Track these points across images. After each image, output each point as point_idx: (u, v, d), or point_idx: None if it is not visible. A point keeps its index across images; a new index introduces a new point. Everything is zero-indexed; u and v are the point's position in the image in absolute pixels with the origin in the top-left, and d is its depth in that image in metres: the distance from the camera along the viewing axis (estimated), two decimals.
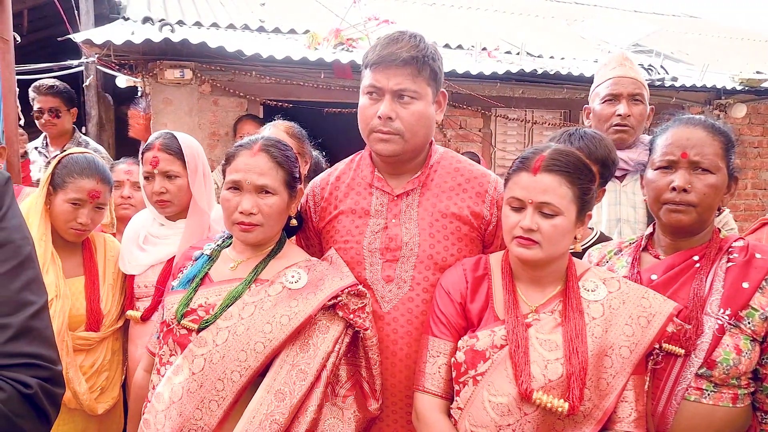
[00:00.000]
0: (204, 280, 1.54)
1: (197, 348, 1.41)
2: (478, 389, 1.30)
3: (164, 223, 2.07)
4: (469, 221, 1.57)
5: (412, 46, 1.48)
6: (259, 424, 1.35)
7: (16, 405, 0.87)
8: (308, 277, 1.49)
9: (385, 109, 1.48)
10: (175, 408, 1.39)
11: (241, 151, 1.51)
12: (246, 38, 4.97)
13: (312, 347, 1.43)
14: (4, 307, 0.90)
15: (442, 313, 1.43)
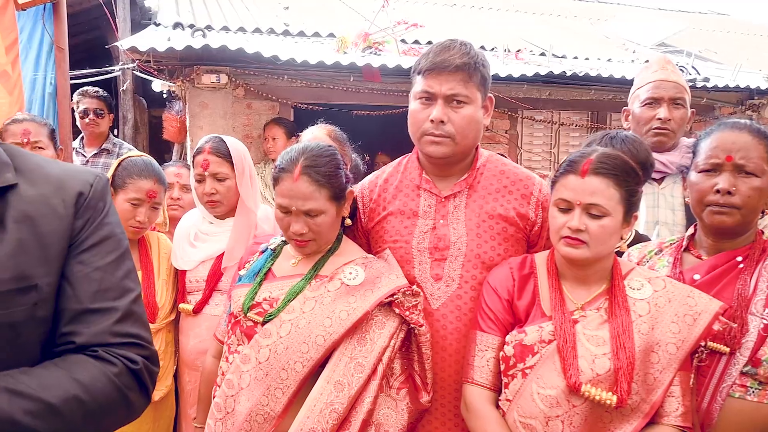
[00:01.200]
0: (267, 274, 1.64)
1: (262, 339, 1.51)
2: (527, 382, 1.36)
3: (213, 222, 2.18)
4: (515, 222, 1.64)
5: (463, 53, 1.55)
6: (320, 413, 1.44)
7: (125, 378, 0.98)
8: (365, 274, 1.56)
9: (437, 113, 1.55)
10: (244, 394, 1.49)
11: (283, 176, 1.56)
12: (273, 42, 5.07)
13: (369, 341, 1.51)
14: (111, 293, 1.00)
15: (490, 309, 1.49)
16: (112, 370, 0.96)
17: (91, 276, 0.99)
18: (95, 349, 0.97)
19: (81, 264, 0.99)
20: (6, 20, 2.81)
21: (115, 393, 0.96)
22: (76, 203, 1.00)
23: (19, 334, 0.93)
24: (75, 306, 0.97)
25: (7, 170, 0.97)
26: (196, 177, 2.13)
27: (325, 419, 1.43)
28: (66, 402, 0.90)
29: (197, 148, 2.17)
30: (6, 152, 1.01)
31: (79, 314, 0.97)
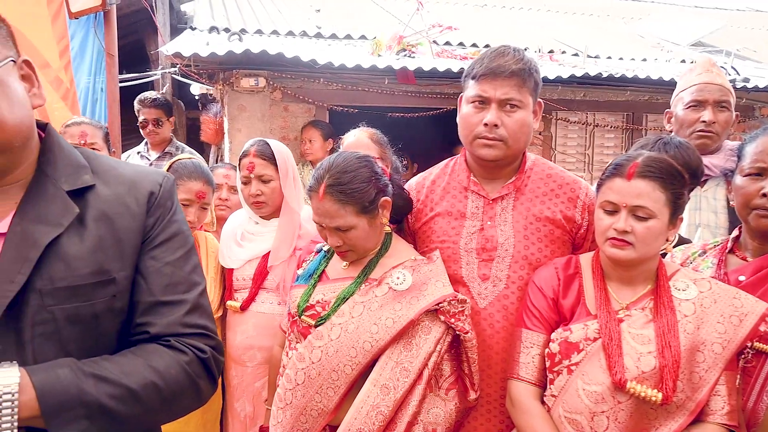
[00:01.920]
0: (322, 276, 1.70)
1: (315, 340, 1.57)
2: (572, 378, 1.40)
3: (259, 222, 2.25)
4: (562, 225, 1.67)
5: (518, 59, 1.60)
6: (366, 414, 1.50)
7: (195, 366, 1.05)
8: (413, 278, 1.59)
9: (491, 117, 1.59)
10: (300, 390, 1.57)
11: (312, 195, 1.61)
12: (305, 44, 5.17)
13: (415, 347, 1.55)
14: (180, 286, 1.08)
15: (535, 307, 1.53)
16: (183, 359, 1.04)
17: (163, 270, 1.07)
18: (168, 339, 1.04)
19: (153, 259, 1.07)
20: (58, 28, 2.95)
21: (187, 380, 1.04)
22: (147, 202, 1.08)
23: (99, 324, 1.01)
24: (148, 298, 1.05)
25: (85, 172, 1.05)
26: (242, 179, 2.21)
27: (371, 420, 1.49)
28: (145, 388, 0.97)
29: (243, 151, 2.25)
30: (82, 155, 1.09)
31: (152, 306, 1.05)
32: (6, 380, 0.86)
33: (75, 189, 1.01)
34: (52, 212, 0.98)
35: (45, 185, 1.00)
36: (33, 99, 1.01)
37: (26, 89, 1.00)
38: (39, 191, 1.00)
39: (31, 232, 0.95)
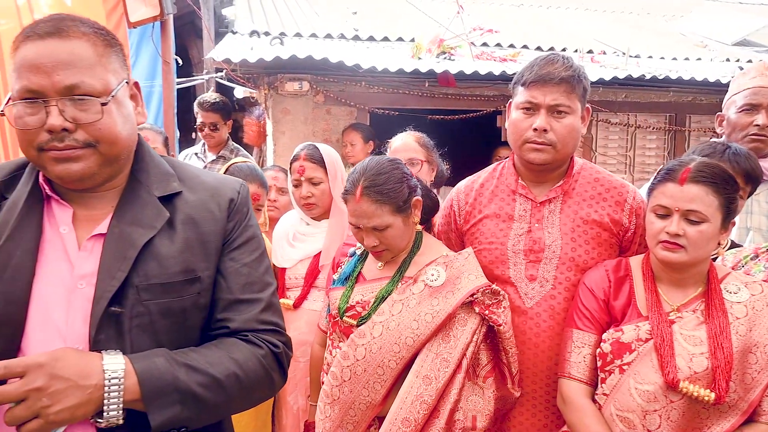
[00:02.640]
0: (359, 277, 1.79)
1: (358, 339, 1.66)
2: (624, 377, 1.44)
3: (310, 223, 2.35)
4: (609, 228, 1.71)
5: (567, 67, 1.65)
6: (411, 404, 1.58)
7: (270, 360, 1.14)
8: (446, 274, 1.68)
9: (541, 122, 1.64)
10: (347, 386, 1.66)
11: (348, 197, 1.70)
12: (343, 47, 5.27)
13: (453, 338, 1.63)
14: (256, 286, 1.18)
15: (586, 308, 1.57)
16: (260, 352, 1.13)
17: (241, 271, 1.16)
18: (246, 334, 1.14)
19: (232, 260, 1.16)
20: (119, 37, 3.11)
21: (263, 372, 1.13)
22: (228, 207, 1.18)
23: (187, 318, 1.11)
24: (228, 296, 1.15)
25: (173, 179, 1.15)
26: (294, 182, 2.31)
27: (416, 410, 1.58)
28: (228, 377, 1.07)
29: (293, 155, 2.35)
30: (168, 163, 1.20)
31: (231, 303, 1.15)
32: (114, 366, 0.96)
33: (165, 195, 1.12)
34: (147, 216, 1.08)
35: (139, 191, 1.11)
36: (137, 117, 1.12)
37: (133, 107, 1.11)
38: (133, 197, 1.10)
39: (128, 233, 1.06)
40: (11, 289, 1.00)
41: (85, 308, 1.02)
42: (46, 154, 1.01)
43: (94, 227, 1.08)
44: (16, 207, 1.05)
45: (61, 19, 1.03)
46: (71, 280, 1.04)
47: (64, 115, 0.99)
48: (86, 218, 1.09)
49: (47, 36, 0.99)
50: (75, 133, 1.00)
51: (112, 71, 1.06)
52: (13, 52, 1.01)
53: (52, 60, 0.98)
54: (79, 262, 1.05)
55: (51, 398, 0.90)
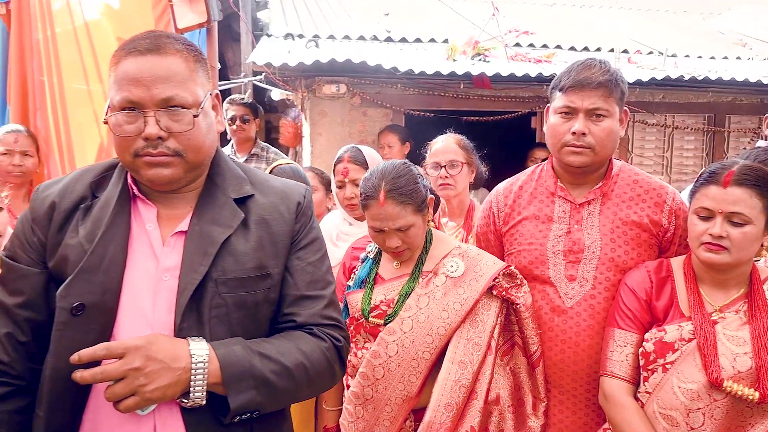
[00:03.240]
0: (376, 279, 1.84)
1: (388, 336, 1.72)
2: (667, 376, 1.47)
3: (352, 223, 2.42)
4: (649, 228, 1.74)
5: (604, 71, 1.68)
6: (451, 389, 1.66)
7: (332, 353, 1.22)
8: (464, 264, 1.76)
9: (579, 126, 1.68)
10: (381, 383, 1.72)
11: (371, 203, 1.73)
12: (377, 48, 5.33)
13: (480, 323, 1.72)
14: (319, 284, 1.26)
15: (628, 308, 1.61)
16: (324, 345, 1.21)
17: (306, 269, 1.25)
18: (311, 328, 1.22)
19: (298, 259, 1.25)
20: None
21: (326, 363, 1.21)
22: (296, 210, 1.26)
23: (258, 311, 1.20)
24: (294, 292, 1.23)
25: (246, 183, 1.24)
26: (337, 183, 2.39)
27: (456, 394, 1.65)
28: (296, 366, 1.15)
29: (337, 157, 2.43)
30: (239, 168, 1.28)
31: (297, 299, 1.23)
32: (199, 351, 1.05)
33: (240, 197, 1.21)
34: (224, 216, 1.17)
35: (216, 193, 1.20)
36: (217, 125, 1.21)
37: (214, 116, 1.20)
38: (211, 198, 1.20)
39: (208, 231, 1.15)
40: (108, 280, 1.10)
41: (169, 299, 1.11)
42: (141, 159, 1.11)
43: (176, 225, 1.17)
44: (109, 205, 1.15)
45: (158, 36, 1.13)
46: (157, 272, 1.13)
47: (160, 125, 1.08)
48: (168, 217, 1.18)
49: (147, 52, 1.09)
50: (167, 141, 1.10)
51: (200, 84, 1.15)
52: (114, 66, 1.11)
53: (151, 74, 1.08)
54: (164, 256, 1.15)
55: (147, 378, 0.99)
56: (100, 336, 1.08)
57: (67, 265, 1.11)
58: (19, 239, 1.18)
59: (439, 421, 1.64)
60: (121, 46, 1.13)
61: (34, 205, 1.19)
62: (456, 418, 1.65)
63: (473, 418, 1.67)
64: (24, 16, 3.30)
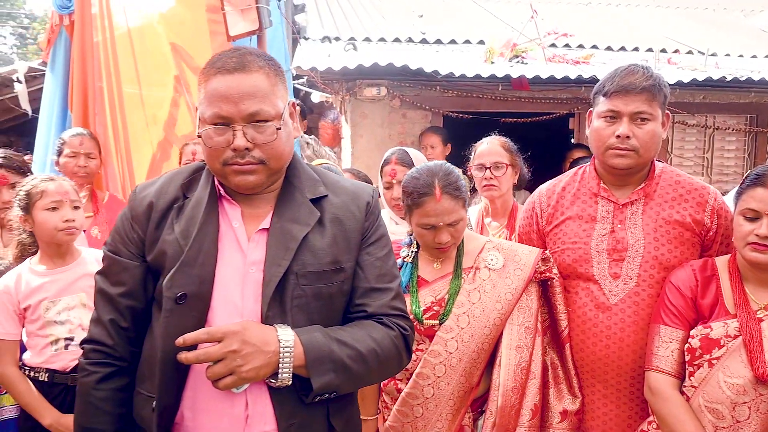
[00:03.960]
0: (419, 282, 1.89)
1: (446, 334, 1.79)
2: (713, 371, 1.53)
3: (399, 222, 2.52)
4: (691, 227, 1.79)
5: (647, 77, 1.75)
6: (514, 373, 1.76)
7: (400, 341, 1.33)
8: (502, 255, 1.87)
9: (624, 129, 1.75)
10: (443, 380, 1.78)
11: (425, 199, 1.76)
12: (413, 50, 5.41)
13: (527, 308, 1.83)
14: (387, 277, 1.37)
15: (674, 305, 1.67)
16: (392, 334, 1.32)
17: (375, 264, 1.36)
18: (380, 318, 1.33)
19: (368, 254, 1.36)
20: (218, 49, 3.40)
21: (395, 351, 1.32)
22: (365, 209, 1.38)
23: (333, 301, 1.31)
24: (365, 285, 1.34)
25: (320, 184, 1.36)
26: (385, 184, 2.49)
27: (518, 376, 1.76)
28: (369, 352, 1.26)
29: (384, 159, 2.53)
30: (312, 170, 1.40)
31: (367, 291, 1.34)
32: (286, 337, 1.17)
33: (315, 197, 1.32)
34: (302, 214, 1.29)
35: (294, 194, 1.32)
36: (294, 131, 1.32)
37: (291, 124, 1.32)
38: (289, 198, 1.31)
39: (288, 228, 1.27)
40: (203, 272, 1.23)
41: (256, 289, 1.24)
42: (229, 168, 1.23)
43: (259, 223, 1.29)
44: (200, 205, 1.27)
45: (243, 54, 1.24)
46: (244, 266, 1.26)
47: (247, 137, 1.20)
48: (251, 215, 1.31)
49: (234, 71, 1.20)
50: (253, 151, 1.21)
51: (281, 97, 1.26)
52: (204, 83, 1.23)
53: (239, 92, 1.19)
54: (250, 251, 1.27)
55: (243, 359, 1.11)
56: (198, 322, 1.21)
57: (166, 259, 1.24)
58: (120, 236, 1.32)
59: (510, 404, 1.75)
60: (209, 64, 1.24)
61: (133, 205, 1.33)
62: (521, 399, 1.77)
63: (534, 396, 1.78)
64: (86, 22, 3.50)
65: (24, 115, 5.69)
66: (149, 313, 1.30)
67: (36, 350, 2.11)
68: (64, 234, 2.11)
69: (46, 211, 2.11)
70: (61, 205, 2.12)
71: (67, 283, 2.13)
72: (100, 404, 1.28)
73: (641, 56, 5.67)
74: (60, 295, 2.12)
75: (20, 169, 2.57)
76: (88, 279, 2.15)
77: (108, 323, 1.28)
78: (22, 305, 2.08)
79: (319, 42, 5.55)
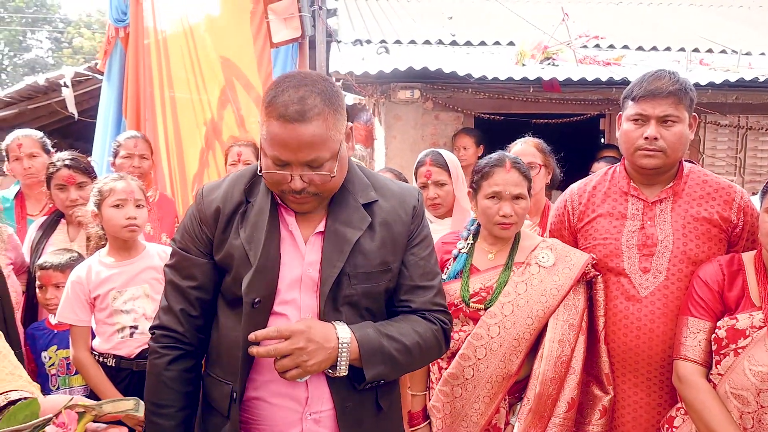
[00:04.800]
0: (471, 270, 2.03)
1: (489, 319, 1.92)
2: (738, 360, 1.63)
3: (434, 221, 2.65)
4: (719, 224, 1.89)
5: (674, 81, 1.85)
6: (554, 364, 1.87)
7: (440, 334, 1.48)
8: (554, 255, 1.97)
9: (652, 131, 1.85)
10: (483, 363, 1.91)
11: (496, 170, 1.97)
12: (445, 53, 5.51)
13: (573, 307, 1.93)
14: (429, 275, 1.51)
15: (701, 298, 1.76)
16: (434, 328, 1.46)
17: (419, 263, 1.50)
18: (423, 313, 1.48)
19: (412, 255, 1.49)
20: (264, 56, 3.59)
21: (435, 343, 1.47)
22: (412, 213, 1.51)
23: (380, 299, 1.46)
24: (409, 283, 1.48)
25: (370, 189, 1.48)
26: (420, 185, 2.62)
27: (558, 369, 1.87)
28: (414, 345, 1.41)
29: (419, 161, 2.66)
30: (363, 174, 1.52)
31: (412, 288, 1.48)
32: (344, 334, 1.32)
33: (367, 202, 1.45)
34: (355, 219, 1.42)
35: (347, 198, 1.43)
36: (348, 150, 1.41)
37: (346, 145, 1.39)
38: (343, 202, 1.43)
39: (342, 232, 1.40)
40: (272, 277, 1.38)
41: (312, 288, 1.39)
42: (286, 196, 1.36)
43: (314, 226, 1.43)
44: (264, 212, 1.40)
45: (303, 99, 1.26)
46: (302, 267, 1.40)
47: (303, 179, 1.31)
48: (305, 219, 1.44)
49: (294, 121, 1.25)
50: (308, 188, 1.32)
51: (337, 130, 1.31)
52: (266, 121, 1.29)
53: (297, 143, 1.26)
54: (307, 253, 1.41)
55: (308, 355, 1.27)
56: (265, 319, 1.37)
57: (232, 261, 1.39)
58: (190, 235, 1.46)
59: (547, 393, 1.86)
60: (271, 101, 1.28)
61: (201, 208, 1.45)
62: (558, 390, 1.88)
63: (572, 390, 1.89)
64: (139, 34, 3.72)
65: (69, 118, 6.00)
66: (215, 304, 1.47)
67: (104, 337, 2.30)
68: (127, 231, 2.30)
69: (112, 208, 2.30)
70: (126, 203, 2.31)
71: (133, 275, 2.32)
72: (169, 383, 1.44)
73: (673, 56, 5.68)
74: (126, 285, 2.31)
75: (86, 170, 2.78)
76: (152, 272, 2.34)
77: (179, 312, 1.44)
78: (92, 294, 2.28)
79: (350, 45, 5.70)
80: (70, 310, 2.26)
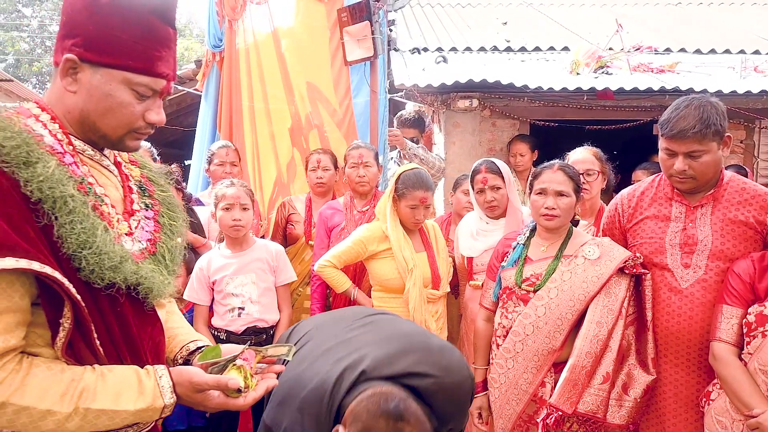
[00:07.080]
0: (526, 259, 2.39)
1: (537, 301, 2.27)
2: (766, 341, 1.90)
3: (489, 222, 2.95)
4: (754, 227, 2.14)
5: (696, 121, 2.02)
6: (590, 342, 2.18)
7: None
8: (599, 250, 2.29)
9: (679, 166, 2.10)
10: (530, 338, 2.26)
11: (545, 171, 2.36)
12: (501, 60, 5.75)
13: (613, 294, 2.23)
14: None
15: (735, 289, 2.04)
16: None
17: None
18: None
19: None
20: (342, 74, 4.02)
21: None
22: None
23: None
24: None
25: None
26: (477, 190, 2.93)
27: (594, 345, 2.18)
28: None
29: (474, 169, 2.97)
30: None
31: None
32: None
33: None
34: None
35: None
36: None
37: None
38: None
39: None
40: None
41: None
42: None
43: None
44: None
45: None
46: None
47: None
48: None
49: None
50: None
51: None
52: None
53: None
54: None
55: None
56: None
57: None
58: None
59: (581, 364, 2.18)
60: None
61: None
62: (594, 365, 2.18)
63: (608, 365, 2.19)
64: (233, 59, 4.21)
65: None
66: None
67: (219, 315, 2.77)
68: (232, 230, 2.75)
69: (222, 210, 2.76)
70: (233, 207, 2.76)
71: (243, 265, 2.78)
72: None
73: (731, 60, 5.74)
74: (237, 273, 2.77)
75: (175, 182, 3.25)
76: (258, 263, 2.79)
77: None
78: (211, 279, 2.75)
79: (408, 53, 6.03)
80: (194, 292, 2.74)
